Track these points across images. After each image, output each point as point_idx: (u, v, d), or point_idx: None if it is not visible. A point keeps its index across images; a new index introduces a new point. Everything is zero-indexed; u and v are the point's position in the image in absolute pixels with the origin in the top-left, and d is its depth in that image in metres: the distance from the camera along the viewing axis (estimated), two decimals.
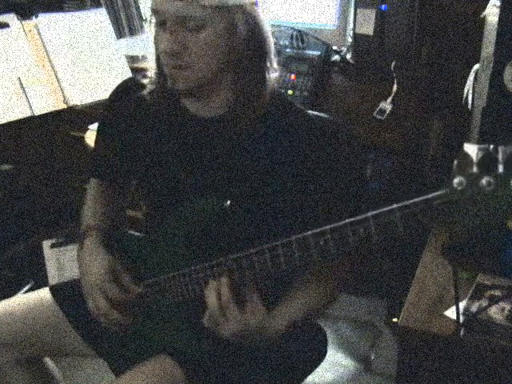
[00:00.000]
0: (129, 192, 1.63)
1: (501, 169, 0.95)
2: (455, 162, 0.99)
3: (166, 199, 1.42)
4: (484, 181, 0.96)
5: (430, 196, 1.02)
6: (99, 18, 2.49)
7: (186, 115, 1.36)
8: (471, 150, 0.97)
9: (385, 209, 1.06)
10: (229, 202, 1.28)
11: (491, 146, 0.96)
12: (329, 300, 1.37)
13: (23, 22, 2.31)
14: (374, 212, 1.07)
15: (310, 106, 2.40)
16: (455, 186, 0.99)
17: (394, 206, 1.05)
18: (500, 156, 0.95)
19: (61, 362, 1.68)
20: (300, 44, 2.58)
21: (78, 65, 2.37)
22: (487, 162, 0.96)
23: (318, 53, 2.53)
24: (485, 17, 1.87)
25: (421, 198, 1.03)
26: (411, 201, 1.03)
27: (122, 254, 1.44)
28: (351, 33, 2.49)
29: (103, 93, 1.52)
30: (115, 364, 1.47)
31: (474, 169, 0.97)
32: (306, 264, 1.17)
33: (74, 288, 1.51)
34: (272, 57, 1.31)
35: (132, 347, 1.43)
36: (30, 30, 2.32)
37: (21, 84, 2.24)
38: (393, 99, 2.38)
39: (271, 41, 1.30)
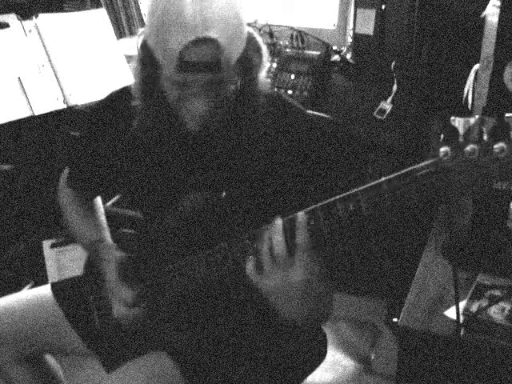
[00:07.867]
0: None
1: (485, 138, 0.97)
2: (441, 135, 1.00)
3: (165, 198, 1.42)
4: (469, 148, 0.97)
5: (417, 166, 1.02)
6: (99, 17, 2.49)
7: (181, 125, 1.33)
8: (457, 122, 0.99)
9: (373, 182, 1.05)
10: (224, 194, 1.28)
11: (477, 117, 0.97)
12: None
13: (23, 22, 2.31)
14: (363, 187, 1.06)
15: (310, 106, 2.40)
16: (441, 155, 0.99)
17: (382, 178, 1.05)
18: (485, 127, 0.96)
19: (61, 362, 1.67)
20: (300, 44, 2.58)
21: (78, 65, 2.38)
22: (473, 133, 0.97)
23: (318, 53, 2.53)
24: (485, 17, 1.87)
25: (408, 169, 1.03)
26: (399, 172, 1.03)
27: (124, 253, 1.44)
28: (351, 33, 2.50)
29: (103, 93, 1.51)
30: (115, 364, 1.47)
31: (460, 139, 0.98)
32: None
33: (73, 286, 1.51)
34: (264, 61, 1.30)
35: (132, 346, 1.43)
36: (30, 30, 2.32)
37: (21, 84, 2.24)
38: (393, 99, 2.38)
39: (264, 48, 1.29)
